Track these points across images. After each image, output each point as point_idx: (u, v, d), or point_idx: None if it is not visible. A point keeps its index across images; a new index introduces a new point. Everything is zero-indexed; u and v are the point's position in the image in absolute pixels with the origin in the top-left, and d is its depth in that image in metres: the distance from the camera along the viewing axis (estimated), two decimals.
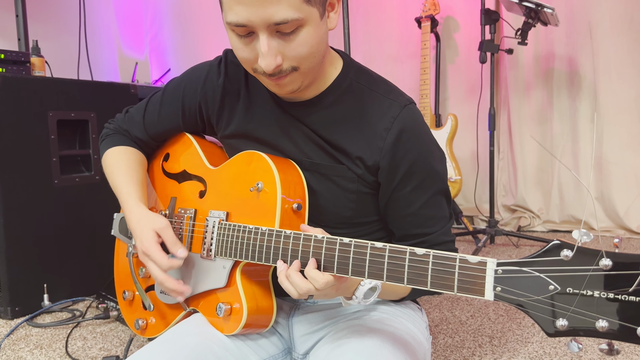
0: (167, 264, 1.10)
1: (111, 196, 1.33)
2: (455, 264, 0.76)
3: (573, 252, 0.66)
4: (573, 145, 3.35)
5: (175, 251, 1.11)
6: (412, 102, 1.11)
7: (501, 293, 0.71)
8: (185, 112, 1.28)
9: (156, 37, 4.41)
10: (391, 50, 3.80)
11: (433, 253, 0.80)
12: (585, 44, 3.22)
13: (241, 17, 0.92)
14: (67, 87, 2.19)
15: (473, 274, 0.74)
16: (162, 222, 1.15)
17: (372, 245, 0.87)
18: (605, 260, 0.64)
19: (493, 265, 0.72)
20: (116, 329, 1.87)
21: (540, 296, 0.68)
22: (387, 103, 1.09)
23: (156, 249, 1.12)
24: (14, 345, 1.74)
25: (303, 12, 0.93)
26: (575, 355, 1.59)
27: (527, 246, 3.00)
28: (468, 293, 0.75)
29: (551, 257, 0.67)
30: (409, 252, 0.83)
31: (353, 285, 0.98)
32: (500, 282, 0.71)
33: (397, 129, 1.06)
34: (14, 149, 2.01)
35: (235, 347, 1.11)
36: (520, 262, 0.69)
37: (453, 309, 2.03)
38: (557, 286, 0.67)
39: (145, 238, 1.14)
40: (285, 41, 0.95)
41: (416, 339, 1.14)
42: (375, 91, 1.11)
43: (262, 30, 0.93)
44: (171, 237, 1.13)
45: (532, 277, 0.68)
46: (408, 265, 0.82)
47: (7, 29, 3.02)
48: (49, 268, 2.12)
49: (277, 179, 1.07)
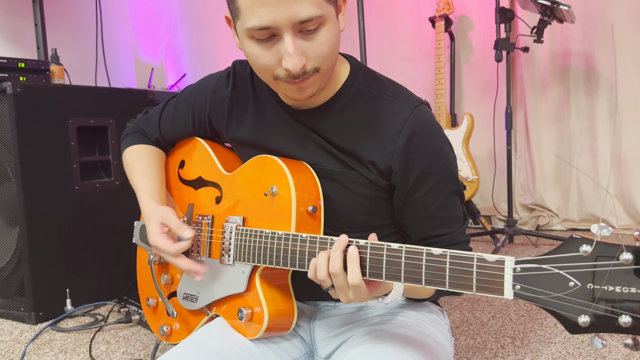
0: (174, 249, 1.13)
1: (131, 201, 1.35)
2: (473, 263, 0.76)
3: (592, 247, 0.65)
4: (591, 143, 3.31)
5: (181, 233, 1.14)
6: (423, 103, 1.11)
7: (520, 291, 0.71)
8: (195, 121, 1.31)
9: (171, 43, 4.44)
10: (405, 51, 3.80)
11: (450, 253, 0.80)
12: (602, 41, 3.18)
13: (265, 20, 0.92)
14: (86, 94, 2.22)
15: (491, 272, 0.74)
16: (164, 211, 1.18)
17: (389, 246, 0.88)
18: (626, 254, 0.63)
19: (511, 264, 0.72)
20: (138, 332, 1.89)
21: (560, 293, 0.67)
22: (397, 105, 1.08)
23: (161, 239, 1.15)
24: (38, 350, 1.76)
25: (324, 9, 0.94)
26: (599, 353, 1.58)
27: (546, 245, 2.97)
28: (487, 292, 0.74)
29: (570, 253, 0.67)
30: (425, 253, 0.83)
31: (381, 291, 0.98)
32: (520, 280, 0.71)
33: (409, 131, 1.06)
34: (35, 156, 2.04)
35: (258, 350, 1.11)
36: (539, 259, 0.69)
37: (474, 310, 2.02)
38: (577, 282, 0.66)
39: (151, 231, 1.18)
40: (308, 41, 0.96)
41: (439, 342, 1.13)
42: (385, 93, 1.11)
43: (287, 30, 0.93)
44: (174, 221, 1.15)
45: (552, 274, 0.68)
46: (425, 266, 0.82)
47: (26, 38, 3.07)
48: (71, 273, 2.15)
49: (291, 182, 1.07)
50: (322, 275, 0.92)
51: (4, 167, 2.06)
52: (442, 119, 3.35)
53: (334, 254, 0.91)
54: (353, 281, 0.89)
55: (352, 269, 0.89)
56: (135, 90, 2.46)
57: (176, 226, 1.15)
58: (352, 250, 0.90)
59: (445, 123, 3.38)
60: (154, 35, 4.37)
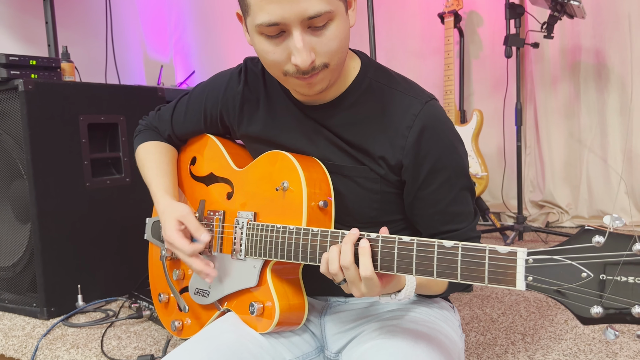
0: (190, 249, 1.14)
1: (141, 197, 1.36)
2: (485, 255, 0.76)
3: (605, 237, 0.65)
4: (602, 139, 3.29)
5: (199, 236, 1.15)
6: (434, 98, 1.11)
7: (533, 282, 0.71)
8: (207, 118, 1.32)
9: (180, 40, 4.46)
10: (414, 47, 3.79)
11: (462, 245, 0.80)
12: (613, 36, 3.16)
13: (274, 16, 0.93)
14: (96, 91, 2.24)
15: (503, 264, 0.74)
16: (183, 209, 1.19)
17: (400, 239, 0.88)
18: (639, 244, 0.63)
19: (523, 255, 0.72)
20: (149, 328, 1.90)
21: (572, 284, 0.67)
22: (407, 100, 1.09)
23: (177, 236, 1.16)
24: (51, 345, 1.78)
25: (333, 5, 0.94)
26: (610, 350, 1.57)
27: (555, 242, 2.95)
28: (499, 284, 0.75)
29: (582, 244, 0.67)
30: (437, 245, 0.83)
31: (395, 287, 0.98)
32: (532, 272, 0.71)
33: (419, 126, 1.06)
34: (47, 153, 2.06)
35: (269, 345, 1.12)
36: (551, 250, 0.69)
37: (483, 306, 2.02)
38: (590, 273, 0.66)
39: (167, 227, 1.18)
40: (317, 36, 0.96)
41: (450, 338, 1.14)
42: (395, 89, 1.11)
43: (296, 26, 0.94)
44: (193, 223, 1.17)
45: (564, 265, 0.68)
46: (437, 258, 0.83)
47: (36, 36, 3.09)
48: (82, 269, 2.16)
49: (302, 177, 1.08)
50: (334, 269, 0.93)
51: (15, 164, 2.08)
52: (451, 115, 3.34)
53: (345, 246, 0.91)
54: (365, 274, 0.89)
55: (363, 262, 0.90)
56: (145, 87, 2.47)
57: (195, 228, 1.16)
58: (363, 243, 0.90)
59: (454, 119, 3.37)
60: (162, 33, 4.39)
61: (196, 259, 1.15)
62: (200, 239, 1.15)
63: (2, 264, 2.20)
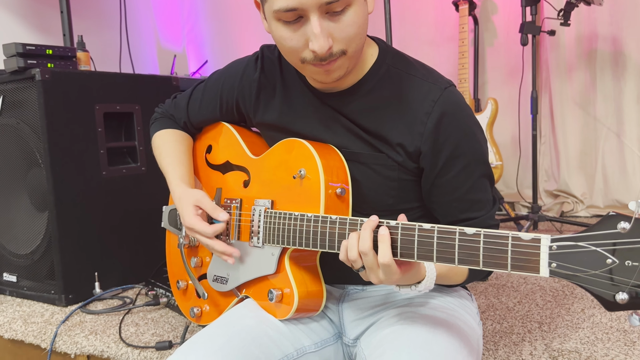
0: (210, 231, 1.15)
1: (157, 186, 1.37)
2: (508, 242, 0.76)
3: (631, 223, 0.65)
4: (618, 127, 3.26)
5: (217, 216, 1.16)
6: (452, 85, 1.10)
7: (557, 269, 0.71)
8: (223, 106, 1.31)
9: (193, 30, 4.46)
10: (427, 35, 3.76)
11: (484, 232, 0.80)
12: (630, 23, 3.12)
13: (292, 1, 0.93)
14: (112, 80, 2.24)
15: (527, 251, 0.74)
16: (197, 194, 1.20)
17: (420, 226, 0.88)
18: None
19: (547, 242, 0.72)
20: (166, 315, 1.92)
21: (597, 270, 0.67)
22: (426, 87, 1.08)
23: (196, 221, 1.17)
24: (69, 331, 1.80)
25: None
26: (629, 339, 1.57)
27: (570, 232, 2.94)
28: (522, 271, 0.74)
29: (607, 230, 0.66)
30: (458, 232, 0.83)
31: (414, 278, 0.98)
32: (555, 258, 0.71)
33: (438, 112, 1.05)
34: (63, 142, 2.07)
35: (288, 330, 1.13)
36: (576, 237, 0.69)
37: (499, 295, 2.01)
38: (615, 259, 0.66)
39: (185, 213, 1.19)
40: (335, 22, 0.96)
41: (468, 324, 1.14)
42: (414, 75, 1.10)
43: (314, 11, 0.93)
44: (209, 204, 1.18)
45: (588, 252, 0.68)
46: (458, 245, 0.82)
47: (51, 26, 3.11)
48: (99, 257, 2.18)
49: (319, 165, 1.08)
50: (353, 256, 0.93)
51: (33, 152, 2.10)
52: None
53: (364, 232, 0.91)
54: (383, 260, 0.89)
55: (382, 249, 0.90)
56: (160, 76, 2.47)
57: (212, 209, 1.17)
58: (382, 230, 0.90)
59: None
60: (175, 22, 4.39)
61: (217, 241, 1.16)
62: (219, 218, 1.16)
63: (20, 252, 2.22)
